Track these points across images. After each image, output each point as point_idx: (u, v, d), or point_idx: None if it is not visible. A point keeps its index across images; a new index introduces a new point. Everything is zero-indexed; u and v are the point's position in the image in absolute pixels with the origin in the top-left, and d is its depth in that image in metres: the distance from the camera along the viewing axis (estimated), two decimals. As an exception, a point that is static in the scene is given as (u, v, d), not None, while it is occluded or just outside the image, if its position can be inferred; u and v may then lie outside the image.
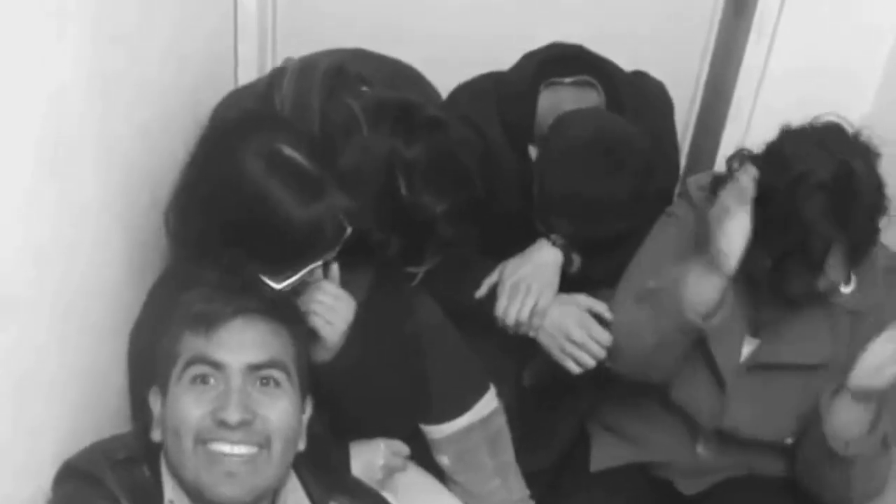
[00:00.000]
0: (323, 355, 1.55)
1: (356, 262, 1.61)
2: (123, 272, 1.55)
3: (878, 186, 1.59)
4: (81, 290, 1.41)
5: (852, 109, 1.84)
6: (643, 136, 1.82)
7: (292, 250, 1.49)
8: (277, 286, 1.48)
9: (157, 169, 1.62)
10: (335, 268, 1.57)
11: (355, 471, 1.64)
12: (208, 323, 1.30)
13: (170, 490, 1.31)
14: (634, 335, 1.74)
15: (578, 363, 1.82)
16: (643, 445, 1.93)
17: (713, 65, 2.31)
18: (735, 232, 1.59)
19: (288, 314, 1.40)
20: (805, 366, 1.74)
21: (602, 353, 1.81)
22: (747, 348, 1.78)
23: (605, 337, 1.80)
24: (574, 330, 1.81)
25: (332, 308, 1.54)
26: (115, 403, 1.54)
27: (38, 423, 1.31)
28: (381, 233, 1.63)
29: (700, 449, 1.88)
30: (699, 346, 1.75)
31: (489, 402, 1.87)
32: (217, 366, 1.29)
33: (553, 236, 1.85)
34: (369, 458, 1.68)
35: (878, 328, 1.59)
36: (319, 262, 1.53)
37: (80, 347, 1.41)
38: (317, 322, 1.53)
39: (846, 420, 1.63)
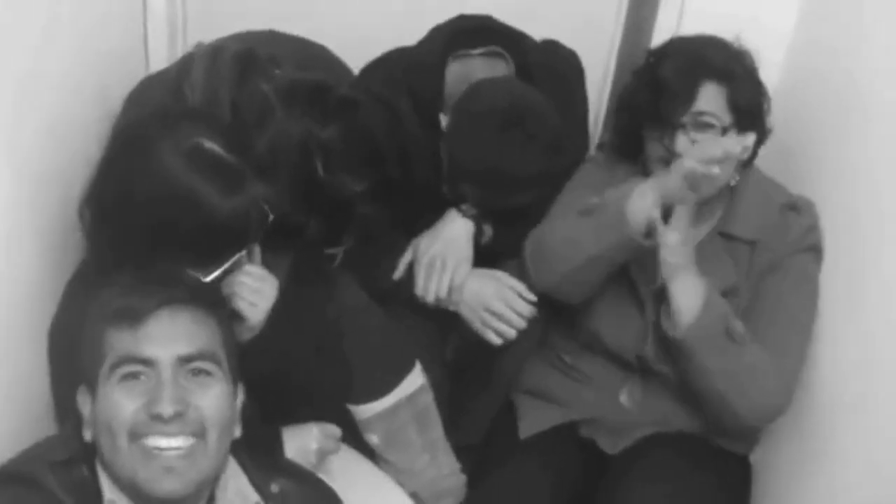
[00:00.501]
0: (246, 335, 1.55)
1: (276, 245, 1.61)
2: (37, 273, 1.53)
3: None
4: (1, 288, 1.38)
5: (766, 66, 1.88)
6: (552, 107, 1.83)
7: (219, 243, 1.49)
8: (205, 279, 1.48)
9: (69, 166, 1.59)
10: (256, 249, 1.57)
11: (289, 455, 1.65)
12: (132, 318, 1.29)
13: (109, 490, 1.30)
14: (572, 245, 1.78)
15: (499, 334, 1.84)
16: (568, 405, 1.96)
17: (626, 29, 2.31)
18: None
19: (212, 300, 1.39)
20: None
21: (522, 324, 1.83)
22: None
23: (524, 307, 1.82)
24: (493, 302, 1.83)
25: (256, 289, 1.54)
26: (38, 408, 1.52)
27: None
28: (299, 215, 1.62)
29: (623, 398, 1.92)
30: (620, 275, 1.83)
31: (415, 380, 1.88)
32: (147, 362, 1.28)
33: (464, 206, 1.86)
34: (302, 443, 1.68)
35: (770, 257, 1.79)
36: (244, 251, 1.53)
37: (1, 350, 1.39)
38: (240, 304, 1.53)
39: (678, 304, 1.73)
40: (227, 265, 1.51)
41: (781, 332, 1.79)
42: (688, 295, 1.73)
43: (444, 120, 1.88)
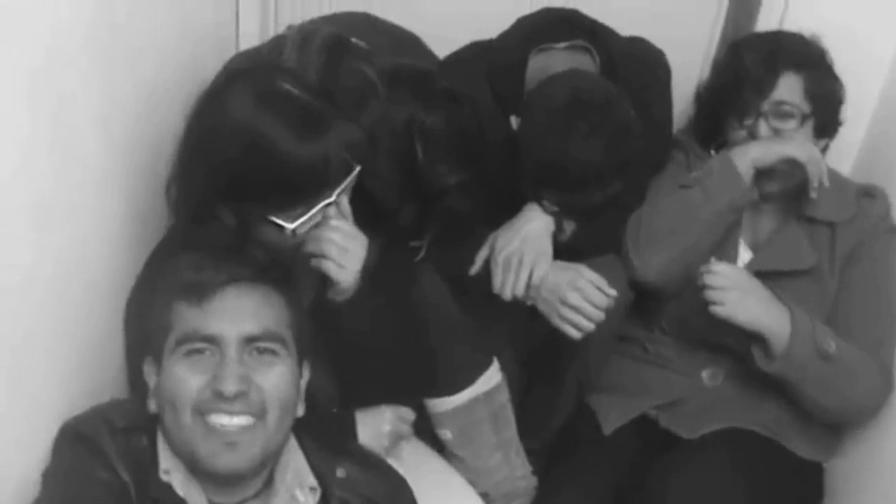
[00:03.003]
0: (338, 297, 1.51)
1: (365, 230, 1.56)
2: (125, 236, 1.52)
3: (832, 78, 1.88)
4: (82, 253, 1.37)
5: (870, 73, 1.97)
6: (625, 99, 1.78)
7: (296, 188, 1.43)
8: (290, 226, 1.43)
9: (158, 134, 1.58)
10: (346, 204, 1.50)
11: (362, 438, 1.62)
12: (200, 293, 1.29)
13: (166, 460, 1.31)
14: (681, 216, 1.84)
15: (577, 327, 1.79)
16: (649, 393, 1.96)
17: (724, 30, 2.27)
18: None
19: (281, 279, 1.37)
20: (794, 272, 1.87)
21: (601, 316, 1.79)
22: (744, 258, 1.92)
23: (601, 299, 1.78)
24: (569, 294, 1.78)
25: (344, 249, 1.48)
26: (113, 373, 1.51)
27: (35, 393, 1.28)
28: (393, 199, 1.60)
29: (706, 376, 1.93)
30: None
31: (493, 377, 1.86)
32: (212, 339, 1.28)
33: (544, 202, 1.81)
34: (375, 426, 1.65)
35: (852, 242, 1.87)
36: (331, 199, 1.46)
37: (78, 315, 1.38)
38: (328, 267, 1.47)
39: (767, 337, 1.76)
40: (312, 212, 1.45)
41: (874, 321, 1.84)
42: (773, 325, 1.76)
43: (514, 121, 1.84)
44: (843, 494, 1.93)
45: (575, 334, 1.80)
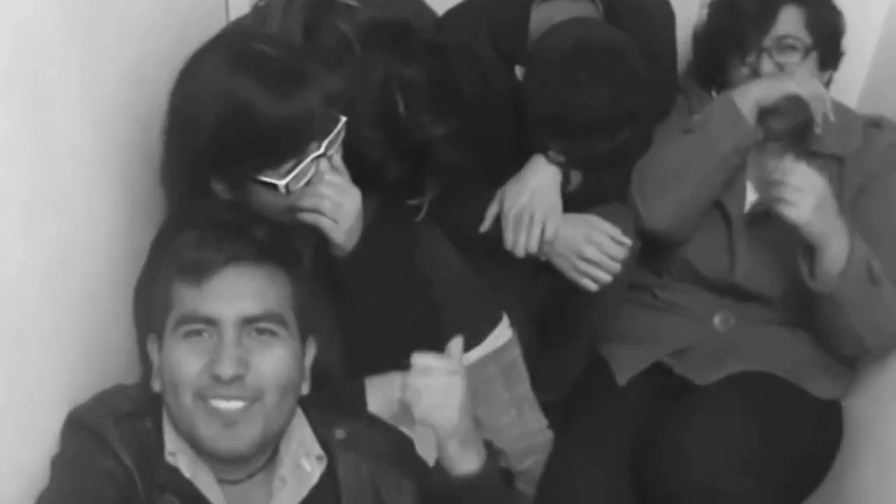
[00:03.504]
0: (339, 252, 1.51)
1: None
2: (120, 221, 1.51)
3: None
4: (76, 241, 1.36)
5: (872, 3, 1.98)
6: (632, 45, 1.75)
7: (281, 144, 1.42)
8: (282, 182, 1.42)
9: (149, 113, 1.55)
10: (338, 158, 1.49)
11: (372, 407, 1.61)
12: (199, 273, 1.28)
13: (171, 442, 1.31)
14: (686, 163, 1.83)
15: (595, 280, 1.77)
16: (661, 340, 1.96)
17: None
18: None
19: (284, 257, 1.36)
20: None
21: (617, 268, 1.78)
22: (751, 199, 1.92)
23: (617, 250, 1.76)
24: (586, 247, 1.77)
25: (338, 204, 1.47)
26: (116, 359, 1.50)
27: (35, 381, 1.27)
28: (378, 154, 1.57)
29: (717, 321, 1.93)
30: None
31: (503, 333, 1.86)
32: (210, 321, 1.27)
33: (550, 153, 1.79)
34: (386, 393, 1.63)
35: (861, 175, 1.86)
36: (321, 152, 1.44)
37: (77, 301, 1.37)
38: (323, 222, 1.47)
39: (822, 261, 1.74)
40: (302, 166, 1.43)
41: (889, 258, 1.81)
42: (837, 243, 1.74)
43: (519, 72, 1.81)
44: (862, 433, 1.92)
45: (593, 286, 1.79)
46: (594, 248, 1.77)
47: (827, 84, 1.88)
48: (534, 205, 1.78)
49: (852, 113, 1.95)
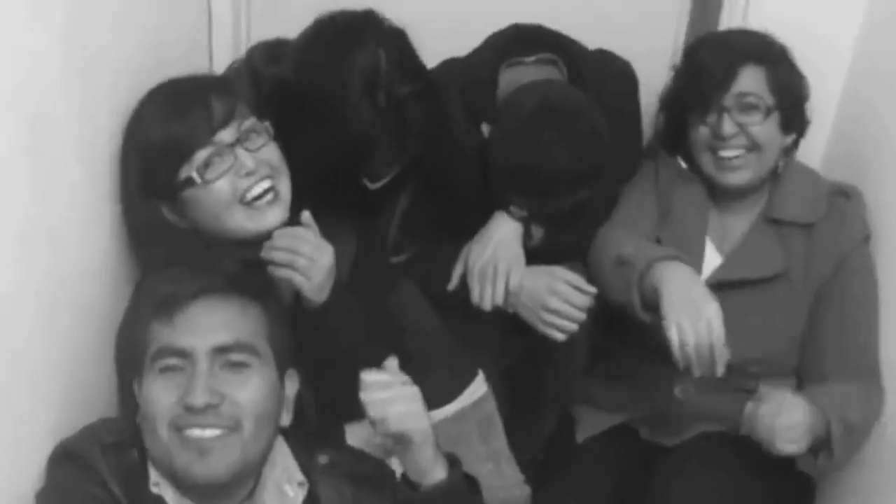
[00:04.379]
0: (309, 304, 1.55)
1: (338, 231, 1.62)
2: (113, 256, 1.54)
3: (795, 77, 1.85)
4: (70, 274, 1.39)
5: (830, 71, 1.97)
6: (593, 107, 1.81)
7: (173, 146, 1.51)
8: (196, 175, 1.50)
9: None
10: (307, 215, 1.55)
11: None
12: (171, 307, 1.30)
13: (155, 473, 1.32)
14: (609, 289, 1.80)
15: (560, 330, 1.80)
16: (625, 407, 1.96)
17: (687, 40, 2.27)
18: None
19: (255, 288, 1.39)
20: (762, 279, 1.85)
21: (582, 317, 1.80)
22: (712, 262, 1.89)
23: (581, 300, 1.79)
24: (549, 299, 1.80)
25: (311, 260, 1.52)
26: (105, 390, 1.52)
27: (25, 411, 1.29)
28: (372, 128, 1.65)
29: (678, 391, 1.89)
30: None
31: (479, 387, 1.86)
32: (182, 353, 1.29)
33: (512, 208, 1.83)
34: (365, 438, 1.64)
35: (830, 247, 1.83)
36: (230, 141, 1.52)
37: (69, 333, 1.40)
38: (296, 280, 1.52)
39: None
40: (208, 154, 1.51)
41: (871, 328, 1.82)
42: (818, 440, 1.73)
43: (485, 129, 1.87)
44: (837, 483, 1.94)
45: (560, 336, 1.81)
46: (557, 298, 1.79)
47: (794, 146, 1.88)
48: (497, 257, 1.82)
49: (816, 178, 1.93)
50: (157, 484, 1.30)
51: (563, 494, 1.89)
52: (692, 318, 1.62)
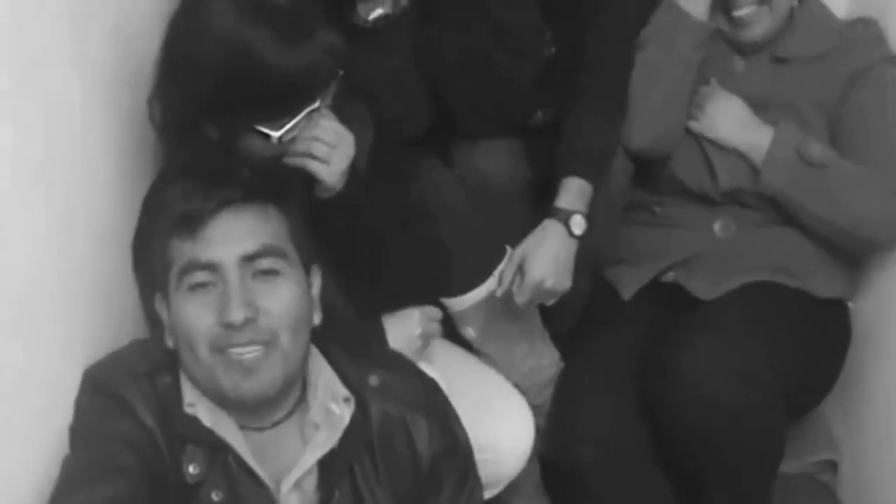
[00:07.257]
0: (324, 194, 1.50)
1: (356, 116, 1.57)
2: (116, 179, 1.49)
3: None
4: (81, 197, 1.35)
5: None
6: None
7: (284, 97, 1.41)
8: (276, 134, 1.41)
9: (137, 67, 1.52)
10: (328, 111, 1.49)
11: (392, 344, 1.61)
12: (193, 224, 1.26)
13: (189, 392, 1.30)
14: (650, 75, 1.87)
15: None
16: (664, 254, 1.96)
17: None
18: None
19: (273, 190, 1.34)
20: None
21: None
22: None
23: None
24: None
25: (331, 147, 1.46)
26: (128, 317, 1.48)
27: (43, 340, 1.24)
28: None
29: (717, 228, 1.93)
30: None
31: (507, 266, 1.83)
32: (211, 266, 1.25)
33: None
34: (405, 330, 1.64)
35: (842, 68, 1.87)
36: (316, 105, 1.44)
37: (84, 258, 1.35)
38: (313, 167, 1.46)
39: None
40: (297, 119, 1.42)
41: (877, 149, 1.84)
42: (751, 139, 1.85)
43: None
44: (871, 335, 1.93)
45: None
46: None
47: None
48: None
49: (830, 16, 1.96)
50: (193, 405, 1.29)
51: (595, 362, 1.89)
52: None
